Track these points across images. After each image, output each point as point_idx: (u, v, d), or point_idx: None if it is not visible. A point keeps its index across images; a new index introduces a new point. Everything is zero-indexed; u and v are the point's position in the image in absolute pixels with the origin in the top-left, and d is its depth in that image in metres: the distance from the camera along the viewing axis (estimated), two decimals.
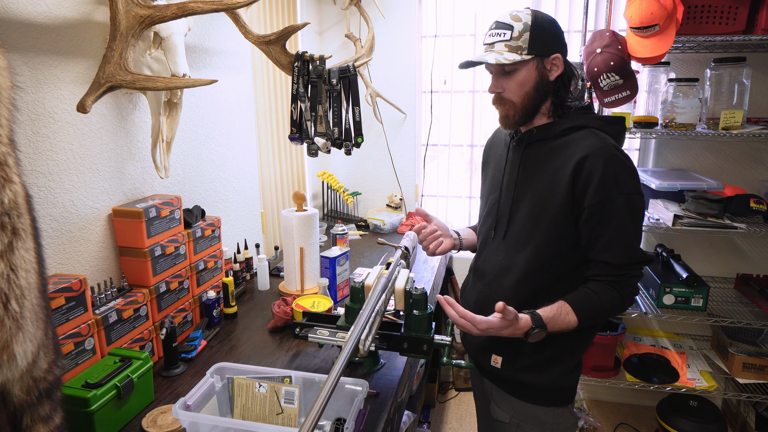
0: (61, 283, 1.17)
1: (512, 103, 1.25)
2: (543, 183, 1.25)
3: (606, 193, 1.16)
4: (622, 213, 1.17)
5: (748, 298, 2.37)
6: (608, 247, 1.19)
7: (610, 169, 1.16)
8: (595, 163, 1.16)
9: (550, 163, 1.25)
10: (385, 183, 3.04)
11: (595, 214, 1.18)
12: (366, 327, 1.10)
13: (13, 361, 0.76)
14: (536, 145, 1.29)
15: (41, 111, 1.22)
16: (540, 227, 1.25)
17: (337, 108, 1.78)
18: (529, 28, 1.20)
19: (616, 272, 1.20)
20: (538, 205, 1.25)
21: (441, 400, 2.93)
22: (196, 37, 1.80)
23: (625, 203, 1.16)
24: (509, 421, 1.38)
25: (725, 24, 2.00)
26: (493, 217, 1.37)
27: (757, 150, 2.44)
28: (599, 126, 1.24)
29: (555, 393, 1.34)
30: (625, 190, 1.16)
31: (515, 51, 1.20)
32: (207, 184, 1.91)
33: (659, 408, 2.47)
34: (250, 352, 1.55)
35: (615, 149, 1.19)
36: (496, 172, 1.40)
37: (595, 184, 1.16)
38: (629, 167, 1.19)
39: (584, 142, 1.20)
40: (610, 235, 1.18)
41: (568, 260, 1.26)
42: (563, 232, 1.23)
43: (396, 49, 2.83)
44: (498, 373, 1.36)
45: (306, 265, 1.90)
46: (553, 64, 1.23)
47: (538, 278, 1.27)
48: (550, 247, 1.24)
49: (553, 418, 1.35)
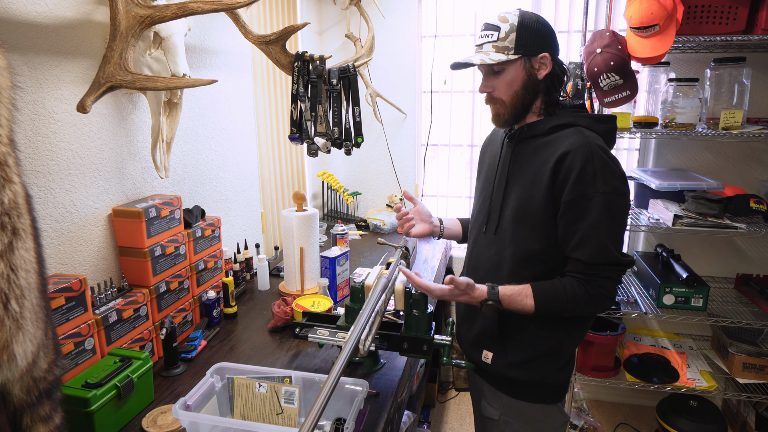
0: (61, 283, 1.17)
1: (502, 102, 1.28)
2: (528, 179, 1.26)
3: (582, 190, 1.17)
4: (596, 211, 1.16)
5: (748, 298, 2.37)
6: (580, 245, 1.19)
7: (589, 167, 1.16)
8: (575, 160, 1.17)
9: (536, 159, 1.26)
10: (385, 183, 3.04)
11: (570, 210, 1.19)
12: (366, 327, 1.11)
13: (13, 361, 0.76)
14: (526, 142, 1.31)
15: (41, 111, 1.22)
16: (524, 223, 1.26)
17: (337, 108, 1.78)
18: (516, 28, 1.22)
19: (587, 270, 1.20)
20: (522, 201, 1.26)
21: (441, 400, 2.93)
22: (196, 37, 1.80)
23: (602, 201, 1.16)
24: (498, 418, 1.39)
25: (725, 24, 2.00)
26: (485, 212, 1.38)
27: (757, 150, 2.44)
28: (587, 124, 1.25)
29: (544, 390, 1.34)
30: (603, 189, 1.16)
31: (502, 51, 1.23)
32: (207, 184, 1.91)
33: (659, 408, 2.47)
34: (250, 352, 1.55)
35: (598, 147, 1.19)
36: (490, 169, 1.42)
37: (572, 180, 1.17)
38: (611, 167, 1.18)
39: (568, 139, 1.21)
40: (583, 232, 1.18)
41: (554, 255, 1.26)
42: (546, 227, 1.23)
43: (396, 49, 2.83)
44: (488, 369, 1.37)
45: (306, 265, 1.90)
46: (541, 63, 1.24)
47: (526, 272, 1.27)
48: (534, 242, 1.25)
49: (542, 415, 1.36)
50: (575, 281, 1.22)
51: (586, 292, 1.20)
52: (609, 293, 1.21)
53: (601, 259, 1.18)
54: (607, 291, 1.21)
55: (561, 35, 2.67)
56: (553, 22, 2.66)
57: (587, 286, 1.20)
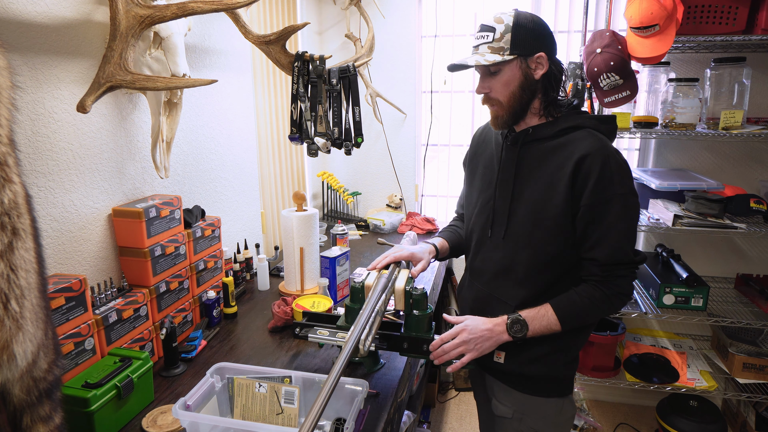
0: (61, 283, 1.17)
1: (499, 103, 1.28)
2: (542, 182, 1.27)
3: (601, 193, 1.19)
4: (615, 212, 1.19)
5: (748, 298, 2.37)
6: (597, 245, 1.22)
7: (607, 170, 1.19)
8: (594, 163, 1.19)
9: (549, 162, 1.27)
10: (385, 183, 3.04)
11: (590, 213, 1.21)
12: (366, 327, 1.11)
13: (13, 361, 0.76)
14: (533, 145, 1.31)
15: (41, 111, 1.22)
16: (541, 226, 1.26)
17: (337, 108, 1.78)
18: (511, 29, 1.22)
19: (602, 272, 1.23)
20: (538, 204, 1.27)
21: (441, 400, 2.93)
22: (196, 37, 1.80)
23: (620, 203, 1.19)
24: (512, 416, 1.39)
25: (725, 24, 2.00)
26: (487, 216, 1.38)
27: (757, 150, 2.44)
28: (594, 126, 1.27)
29: (557, 383, 1.36)
30: (620, 191, 1.19)
31: (497, 52, 1.23)
32: (207, 184, 1.91)
33: (659, 408, 2.47)
34: (250, 352, 1.55)
35: (613, 150, 1.23)
36: (487, 171, 1.41)
37: (592, 184, 1.19)
38: (625, 168, 1.22)
39: (583, 142, 1.23)
40: (600, 233, 1.21)
41: (569, 259, 1.27)
42: (563, 230, 1.25)
43: (396, 49, 2.83)
44: (501, 368, 1.37)
45: (306, 265, 1.90)
46: (538, 63, 1.25)
47: (540, 277, 1.29)
48: (551, 245, 1.26)
49: (555, 409, 1.37)
50: (590, 285, 1.24)
51: (603, 293, 1.23)
52: (625, 290, 1.24)
53: (617, 259, 1.21)
54: (623, 289, 1.24)
55: (561, 35, 2.67)
56: (553, 22, 2.66)
57: (603, 288, 1.23)
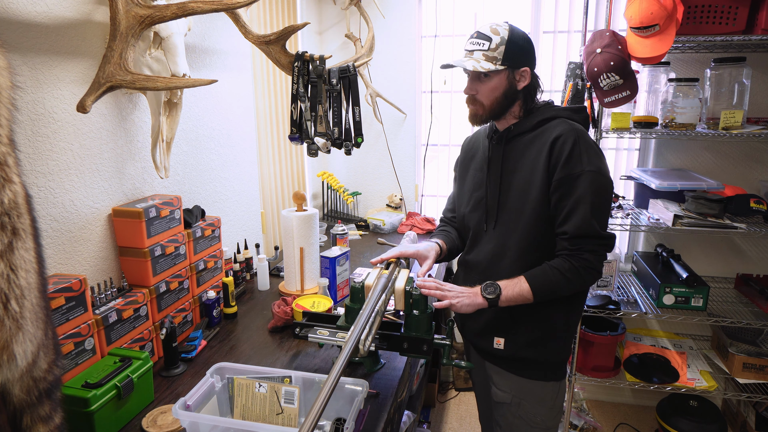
0: (61, 283, 1.17)
1: (482, 105, 1.42)
2: (525, 170, 1.38)
3: (571, 169, 1.30)
4: (583, 187, 1.29)
5: (748, 298, 2.37)
6: (566, 219, 1.31)
7: (576, 148, 1.30)
8: (566, 142, 1.31)
9: (530, 151, 1.39)
10: (385, 183, 3.04)
11: (561, 187, 1.31)
12: (366, 327, 1.11)
13: (13, 361, 0.76)
14: (515, 140, 1.43)
15: (41, 111, 1.22)
16: (526, 208, 1.37)
17: (337, 108, 1.78)
18: (505, 42, 1.35)
19: (571, 244, 1.31)
20: (522, 189, 1.38)
21: (441, 400, 2.93)
22: (196, 37, 1.80)
23: (588, 179, 1.29)
24: (511, 401, 1.47)
25: (725, 24, 2.00)
26: (482, 212, 1.48)
27: (757, 150, 2.44)
28: (568, 116, 1.41)
29: (554, 367, 1.45)
30: (588, 168, 1.29)
31: (491, 61, 1.36)
32: (207, 184, 1.91)
33: (659, 408, 2.47)
34: (250, 352, 1.55)
35: (583, 132, 1.35)
36: (478, 173, 1.52)
37: (563, 160, 1.30)
38: (595, 148, 1.33)
39: (557, 127, 1.36)
40: (569, 207, 1.30)
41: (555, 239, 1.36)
42: (545, 209, 1.35)
43: (396, 49, 2.83)
44: (501, 354, 1.45)
45: (306, 265, 1.90)
46: (522, 75, 1.39)
47: (531, 257, 1.38)
48: (537, 225, 1.36)
49: (552, 393, 1.46)
50: (561, 258, 1.33)
51: (571, 265, 1.30)
52: (593, 265, 1.31)
53: (583, 231, 1.29)
54: (591, 263, 1.31)
55: (561, 35, 2.67)
56: (553, 22, 2.67)
57: (572, 260, 1.31)
